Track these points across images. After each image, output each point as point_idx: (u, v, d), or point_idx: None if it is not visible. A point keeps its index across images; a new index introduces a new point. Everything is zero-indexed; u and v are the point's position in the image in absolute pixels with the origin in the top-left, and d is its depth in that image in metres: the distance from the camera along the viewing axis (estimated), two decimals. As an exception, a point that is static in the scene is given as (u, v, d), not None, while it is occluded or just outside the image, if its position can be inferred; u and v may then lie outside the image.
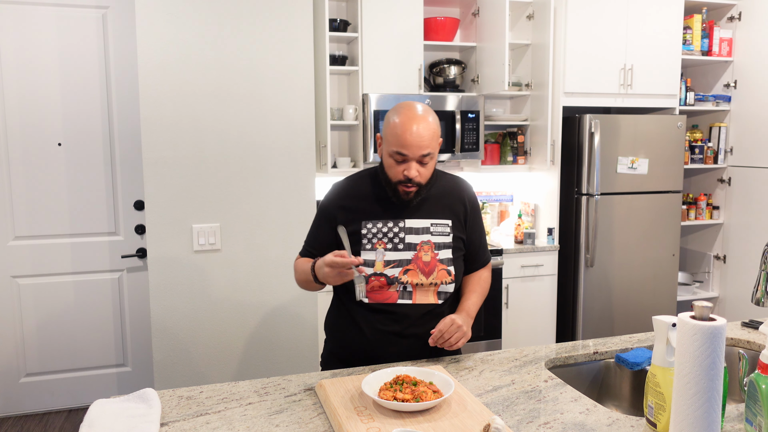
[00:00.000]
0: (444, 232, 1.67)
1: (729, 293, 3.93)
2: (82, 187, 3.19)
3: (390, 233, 1.64)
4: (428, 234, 1.65)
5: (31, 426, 3.12)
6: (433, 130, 1.59)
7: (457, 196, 1.73)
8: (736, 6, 3.82)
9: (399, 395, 1.29)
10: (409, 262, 1.63)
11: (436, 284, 1.65)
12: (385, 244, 1.63)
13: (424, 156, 1.57)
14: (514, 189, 4.03)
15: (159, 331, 2.78)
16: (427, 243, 1.64)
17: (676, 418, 1.10)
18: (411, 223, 1.65)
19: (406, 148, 1.56)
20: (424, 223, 1.66)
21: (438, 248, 1.65)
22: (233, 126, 2.82)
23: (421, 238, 1.65)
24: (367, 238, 1.64)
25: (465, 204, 1.74)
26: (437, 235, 1.66)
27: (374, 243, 1.63)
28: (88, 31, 3.11)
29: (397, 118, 1.59)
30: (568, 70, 3.47)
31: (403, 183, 1.60)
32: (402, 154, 1.57)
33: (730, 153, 3.91)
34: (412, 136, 1.55)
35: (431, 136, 1.58)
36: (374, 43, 3.34)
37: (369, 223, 1.65)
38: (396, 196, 1.63)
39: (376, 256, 1.62)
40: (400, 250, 1.63)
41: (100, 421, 1.23)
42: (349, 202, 1.69)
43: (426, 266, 1.63)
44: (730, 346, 1.77)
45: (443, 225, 1.68)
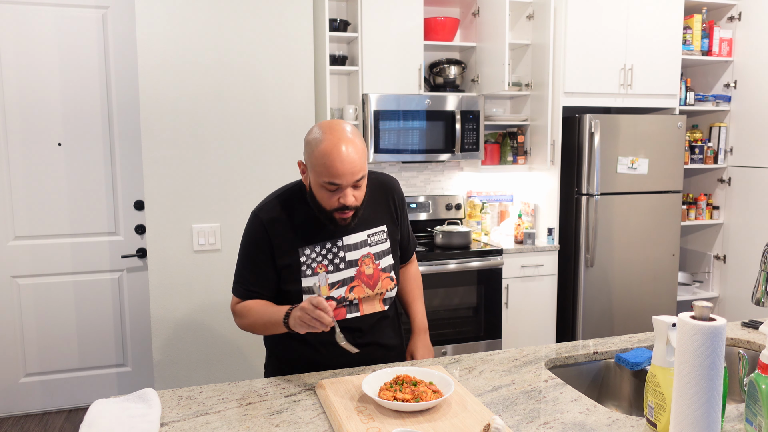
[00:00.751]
0: (381, 239, 1.64)
1: (729, 293, 3.93)
2: (82, 187, 3.19)
3: (329, 254, 1.58)
4: (367, 246, 1.61)
5: (31, 426, 3.12)
6: (362, 150, 1.48)
7: (386, 196, 1.69)
8: (736, 6, 3.82)
9: (399, 395, 1.29)
10: (352, 279, 1.59)
11: (381, 293, 1.64)
12: (326, 266, 1.57)
13: (357, 180, 1.47)
14: (514, 189, 4.03)
15: (159, 331, 2.78)
16: (367, 256, 1.60)
17: (676, 418, 1.10)
18: (348, 240, 1.59)
19: (339, 177, 1.44)
20: (361, 236, 1.61)
21: (378, 257, 1.62)
22: (233, 126, 2.82)
23: (360, 252, 1.60)
24: (306, 264, 1.56)
25: (395, 202, 1.71)
26: (375, 245, 1.63)
27: (314, 268, 1.57)
28: (88, 31, 3.11)
29: (322, 145, 1.45)
30: (568, 70, 3.47)
31: (339, 210, 1.50)
32: (335, 184, 1.45)
33: (730, 153, 3.91)
34: (343, 164, 1.43)
35: (361, 158, 1.47)
36: (374, 43, 3.34)
37: (306, 248, 1.57)
38: (333, 223, 1.53)
39: (318, 281, 1.56)
40: (341, 269, 1.58)
41: (99, 421, 1.23)
42: (282, 232, 1.58)
43: (370, 279, 1.61)
44: (730, 346, 1.77)
45: (379, 233, 1.64)
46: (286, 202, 1.62)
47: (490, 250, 3.39)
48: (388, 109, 3.32)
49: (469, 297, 3.39)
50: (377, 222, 1.65)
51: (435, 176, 3.90)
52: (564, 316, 3.66)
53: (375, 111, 3.29)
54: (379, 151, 3.32)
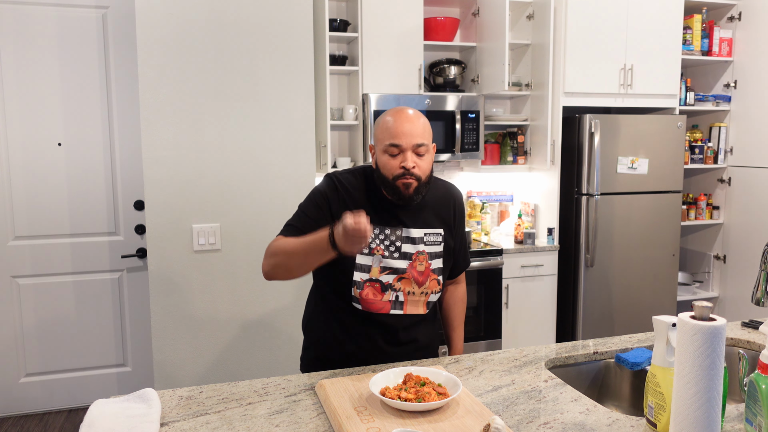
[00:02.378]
0: (436, 241, 1.66)
1: (729, 293, 3.93)
2: (82, 187, 3.19)
3: (387, 240, 1.61)
4: (422, 244, 1.64)
5: (31, 426, 3.12)
6: (426, 124, 1.58)
7: (448, 202, 1.72)
8: (736, 6, 3.82)
9: (403, 395, 1.29)
10: (404, 270, 1.61)
11: (426, 294, 1.65)
12: (383, 250, 1.60)
13: (418, 146, 1.54)
14: (514, 189, 4.03)
15: (159, 331, 2.78)
16: (422, 253, 1.63)
17: (676, 418, 1.10)
18: (407, 233, 1.63)
19: (399, 137, 1.53)
20: (420, 233, 1.64)
21: (431, 258, 1.65)
22: (233, 126, 2.82)
23: (416, 247, 1.63)
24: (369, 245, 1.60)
25: (455, 210, 1.74)
26: (430, 245, 1.65)
27: (372, 248, 1.60)
28: (88, 31, 3.11)
29: (388, 116, 1.59)
30: (568, 70, 3.47)
31: (401, 176, 1.54)
32: (396, 145, 1.54)
33: (730, 153, 3.91)
34: (404, 126, 1.54)
35: (424, 128, 1.56)
36: (374, 43, 3.34)
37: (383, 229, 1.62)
38: (396, 193, 1.56)
39: (372, 262, 1.60)
40: (396, 258, 1.61)
41: (99, 421, 1.23)
42: (352, 197, 1.62)
43: (420, 275, 1.63)
44: (730, 346, 1.77)
45: (436, 234, 1.67)
46: (360, 176, 1.67)
47: (490, 250, 3.39)
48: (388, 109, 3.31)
49: (469, 297, 3.38)
50: (436, 224, 1.68)
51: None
52: (564, 316, 3.66)
53: (375, 111, 3.29)
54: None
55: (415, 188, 1.56)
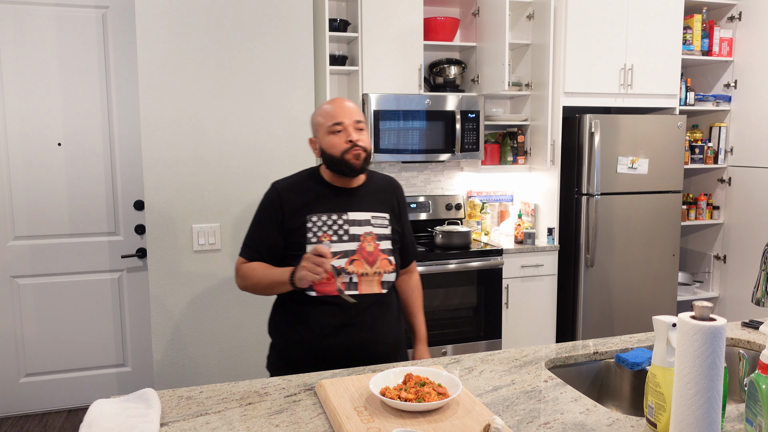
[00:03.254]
0: (383, 224, 1.78)
1: (729, 293, 3.93)
2: (82, 187, 3.19)
3: (335, 225, 1.71)
4: (369, 226, 1.74)
5: (31, 426, 3.12)
6: (358, 107, 1.76)
7: (391, 192, 1.86)
8: (736, 6, 3.82)
9: (403, 394, 1.29)
10: (354, 252, 1.70)
11: (379, 273, 1.72)
12: (330, 236, 1.70)
13: (358, 122, 1.71)
14: (514, 189, 4.03)
15: (159, 331, 2.78)
16: (369, 234, 1.73)
17: (676, 418, 1.10)
18: (353, 216, 1.74)
19: (340, 116, 1.70)
20: (366, 216, 1.75)
21: (379, 239, 1.75)
22: (233, 126, 2.82)
23: (363, 229, 1.73)
24: (312, 231, 1.70)
25: (398, 200, 1.87)
26: (378, 227, 1.76)
27: (319, 236, 1.70)
28: (88, 31, 3.11)
29: (325, 104, 1.76)
30: (568, 70, 3.47)
31: (349, 150, 1.69)
32: (339, 122, 1.70)
33: (730, 153, 3.91)
34: (343, 106, 1.72)
35: (358, 109, 1.74)
36: (374, 43, 3.34)
37: (314, 216, 1.72)
38: (348, 166, 1.70)
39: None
40: (345, 241, 1.71)
41: (99, 422, 1.23)
42: (293, 198, 1.75)
43: (370, 256, 1.71)
44: (730, 346, 1.77)
45: (382, 218, 1.78)
46: (300, 177, 1.83)
47: (490, 250, 3.39)
48: (388, 109, 3.32)
49: (469, 297, 3.39)
50: (381, 208, 1.80)
51: (435, 176, 3.90)
52: (564, 316, 3.66)
53: (375, 111, 3.29)
54: (379, 151, 3.32)
55: (364, 158, 1.72)
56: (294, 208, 1.73)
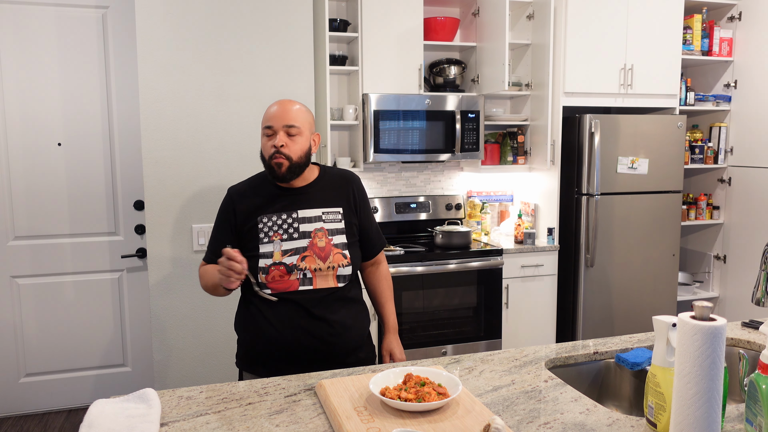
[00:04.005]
0: (335, 219, 1.79)
1: (729, 293, 3.93)
2: (82, 187, 3.19)
3: (284, 224, 1.75)
4: (320, 222, 1.77)
5: (31, 426, 3.12)
6: (300, 111, 1.75)
7: (343, 186, 1.86)
8: (736, 6, 3.82)
9: (403, 394, 1.29)
10: (305, 249, 1.73)
11: (333, 267, 1.75)
12: (281, 235, 1.74)
13: (289, 127, 1.72)
14: (514, 189, 4.03)
15: (159, 331, 2.78)
16: (320, 230, 1.76)
17: (677, 418, 1.10)
18: (303, 213, 1.77)
19: (271, 120, 1.73)
20: (316, 212, 1.78)
21: (331, 234, 1.77)
22: (233, 126, 2.82)
23: (314, 225, 1.76)
24: (264, 232, 1.75)
25: (353, 192, 1.87)
26: (329, 222, 1.78)
27: (270, 236, 1.74)
28: (88, 31, 3.11)
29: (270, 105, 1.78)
30: (568, 70, 3.47)
31: (273, 156, 1.72)
32: (269, 126, 1.73)
33: (730, 153, 3.91)
34: (276, 110, 1.73)
35: (296, 113, 1.73)
36: (374, 43, 3.34)
37: (264, 217, 1.76)
38: (272, 173, 1.74)
39: (273, 248, 1.73)
40: (295, 239, 1.74)
41: (99, 422, 1.23)
42: (245, 201, 1.80)
43: (321, 251, 1.74)
44: (731, 346, 1.77)
45: (334, 213, 1.80)
46: (253, 181, 1.88)
47: (490, 250, 3.39)
48: (388, 109, 3.32)
49: (469, 297, 3.39)
50: (333, 204, 1.82)
51: (435, 176, 3.90)
52: (564, 316, 3.66)
53: (375, 111, 3.29)
54: (379, 151, 3.32)
55: (287, 168, 1.72)
56: (246, 212, 1.79)
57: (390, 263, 3.19)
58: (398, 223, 3.75)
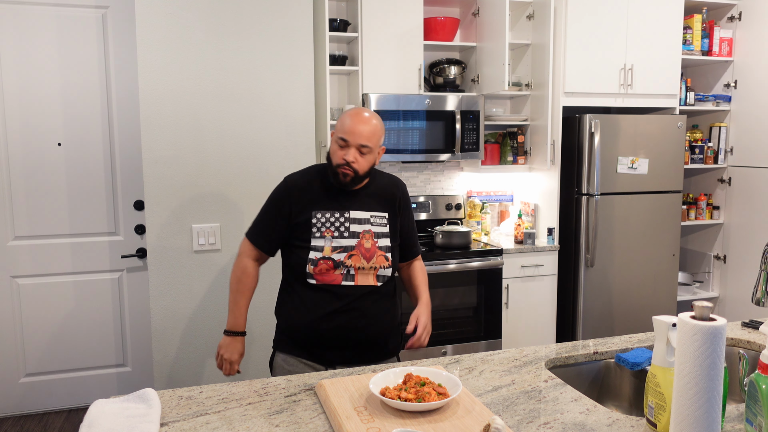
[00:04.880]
0: (382, 223, 1.90)
1: (729, 293, 3.93)
2: (82, 187, 3.19)
3: (336, 222, 1.85)
4: (369, 224, 1.87)
5: (31, 426, 3.12)
6: (374, 129, 1.83)
7: (392, 192, 1.97)
8: (736, 6, 3.82)
9: (403, 394, 1.29)
10: (353, 248, 1.84)
11: (375, 268, 1.86)
12: (332, 232, 1.84)
13: (362, 146, 1.80)
14: (514, 189, 4.03)
15: (159, 331, 2.79)
16: (368, 232, 1.86)
17: (677, 418, 1.10)
18: (355, 214, 1.87)
19: (349, 134, 1.80)
20: (365, 215, 1.88)
21: (377, 237, 1.87)
22: (233, 126, 2.82)
23: (363, 227, 1.86)
24: (317, 227, 1.85)
25: (400, 199, 1.98)
26: (377, 226, 1.88)
27: (323, 231, 1.84)
28: (88, 31, 3.11)
29: (349, 114, 1.84)
30: (568, 70, 3.47)
31: (342, 166, 1.81)
32: (344, 140, 1.81)
33: (730, 153, 3.91)
34: (356, 126, 1.80)
35: (371, 133, 1.82)
36: (374, 43, 3.34)
37: (318, 213, 1.86)
38: (335, 179, 1.84)
39: (324, 243, 1.83)
40: (345, 237, 1.84)
41: (99, 422, 1.23)
42: (301, 194, 1.89)
43: (367, 252, 1.85)
44: (731, 346, 1.77)
45: (381, 217, 1.91)
46: (310, 174, 1.95)
47: (490, 250, 3.39)
48: (388, 109, 3.32)
49: (469, 297, 3.39)
50: (381, 208, 1.92)
51: (435, 176, 3.90)
52: (564, 316, 3.66)
53: (375, 111, 3.29)
54: (379, 151, 3.32)
55: (351, 178, 1.83)
56: (301, 204, 1.87)
57: (390, 263, 3.19)
58: (398, 223, 3.74)
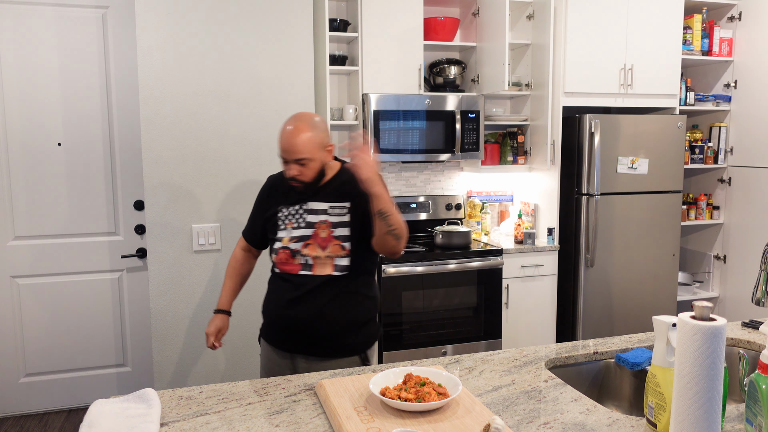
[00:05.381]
0: (341, 213, 1.91)
1: (729, 293, 3.93)
2: (82, 187, 3.19)
3: (296, 214, 1.93)
4: (325, 215, 1.90)
5: (31, 426, 3.12)
6: (306, 139, 1.82)
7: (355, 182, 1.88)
8: (736, 6, 3.82)
9: (403, 394, 1.29)
10: (309, 237, 1.89)
11: (331, 257, 1.88)
12: (292, 223, 1.93)
13: (299, 160, 1.83)
14: (514, 189, 4.03)
15: (159, 331, 2.79)
16: (324, 222, 1.89)
17: (677, 418, 1.10)
18: (312, 206, 1.92)
19: (283, 152, 1.85)
20: (323, 206, 1.92)
21: (334, 226, 1.89)
22: (233, 126, 2.82)
23: (319, 218, 1.90)
24: (281, 220, 1.95)
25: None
26: (334, 216, 1.90)
27: (286, 224, 1.93)
28: (88, 31, 3.11)
29: (282, 128, 1.87)
30: (568, 70, 3.47)
31: (291, 179, 1.88)
32: (282, 157, 1.86)
33: (730, 153, 3.91)
34: (286, 143, 1.83)
35: (304, 145, 1.82)
36: (374, 43, 3.34)
37: (284, 207, 1.96)
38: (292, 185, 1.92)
39: (284, 234, 1.93)
40: (302, 227, 1.91)
41: (99, 422, 1.24)
42: (274, 191, 2.02)
43: (323, 242, 1.88)
44: (731, 346, 1.77)
45: (341, 207, 1.91)
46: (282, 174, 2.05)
47: (490, 250, 3.39)
48: (388, 109, 3.32)
49: (469, 297, 3.39)
50: (343, 199, 1.92)
51: (435, 176, 3.90)
52: (564, 316, 3.66)
53: (375, 111, 3.29)
54: (379, 151, 3.32)
55: (303, 186, 1.89)
56: (273, 200, 2.00)
57: (390, 263, 3.20)
58: (398, 223, 3.74)
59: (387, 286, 3.22)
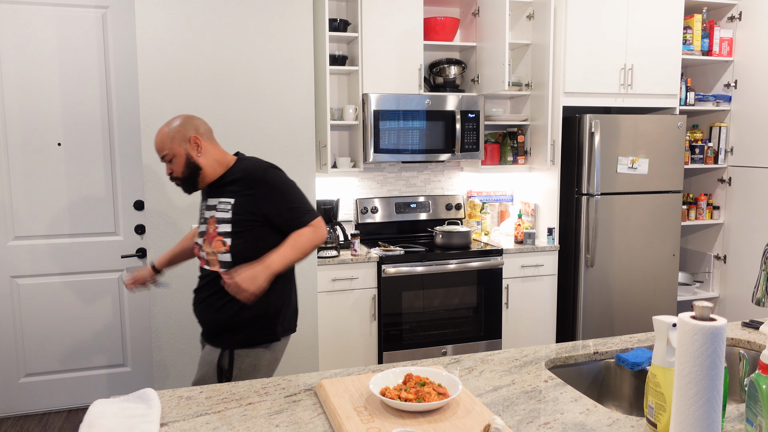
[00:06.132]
0: (225, 209, 1.94)
1: (729, 293, 3.93)
2: (82, 187, 3.19)
3: (201, 209, 2.05)
4: (214, 210, 1.97)
5: (31, 426, 3.12)
6: (163, 135, 1.94)
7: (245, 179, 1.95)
8: (736, 6, 3.82)
9: (403, 394, 1.29)
10: (205, 233, 1.97)
11: (215, 253, 1.93)
12: (200, 218, 2.04)
13: (163, 157, 1.95)
14: (514, 189, 4.03)
15: (159, 331, 2.78)
16: (212, 217, 1.96)
17: (677, 418, 1.10)
18: (209, 201, 2.00)
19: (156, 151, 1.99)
20: (214, 201, 1.98)
21: (218, 222, 1.94)
22: (233, 126, 2.82)
23: (210, 213, 1.98)
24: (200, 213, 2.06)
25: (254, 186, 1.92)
26: (220, 212, 1.95)
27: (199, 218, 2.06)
28: (88, 31, 3.11)
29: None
30: (568, 70, 3.47)
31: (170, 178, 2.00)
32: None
33: (731, 153, 3.91)
34: (156, 144, 1.97)
35: (161, 141, 1.95)
36: (374, 43, 3.34)
37: (202, 201, 2.06)
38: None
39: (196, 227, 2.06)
40: (202, 223, 2.01)
41: (99, 422, 1.23)
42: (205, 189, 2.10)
43: (209, 237, 1.95)
44: (731, 346, 1.77)
45: (226, 203, 1.96)
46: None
47: (490, 250, 3.39)
48: (388, 109, 3.32)
49: (469, 297, 3.39)
50: (229, 195, 1.96)
51: (435, 176, 3.90)
52: (564, 316, 3.66)
53: (375, 111, 3.29)
54: (379, 151, 3.32)
55: (181, 184, 1.99)
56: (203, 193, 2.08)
57: (390, 263, 3.20)
58: (398, 223, 3.75)
59: (387, 286, 3.22)
